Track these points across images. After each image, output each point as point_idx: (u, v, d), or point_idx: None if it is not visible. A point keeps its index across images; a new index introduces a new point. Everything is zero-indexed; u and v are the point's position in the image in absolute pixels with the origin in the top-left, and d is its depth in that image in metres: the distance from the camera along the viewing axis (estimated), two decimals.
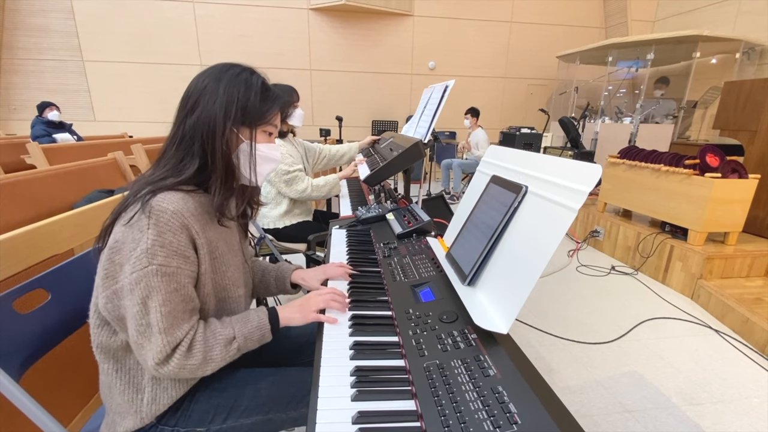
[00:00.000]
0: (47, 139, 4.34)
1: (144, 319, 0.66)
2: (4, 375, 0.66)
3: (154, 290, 0.66)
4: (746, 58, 4.86)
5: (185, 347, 0.69)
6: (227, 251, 0.81)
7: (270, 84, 0.84)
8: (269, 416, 0.79)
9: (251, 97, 0.77)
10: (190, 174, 0.74)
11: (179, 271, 0.69)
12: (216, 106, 0.74)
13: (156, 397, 0.74)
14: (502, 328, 0.63)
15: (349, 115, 6.63)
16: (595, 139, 5.10)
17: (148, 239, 0.65)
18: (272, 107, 0.81)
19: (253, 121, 0.78)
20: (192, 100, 0.75)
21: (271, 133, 0.84)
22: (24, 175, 1.70)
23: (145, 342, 0.67)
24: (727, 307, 2.16)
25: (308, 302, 0.86)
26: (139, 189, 0.70)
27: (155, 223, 0.66)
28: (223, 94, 0.74)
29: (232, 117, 0.75)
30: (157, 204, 0.67)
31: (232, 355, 0.75)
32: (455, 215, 1.04)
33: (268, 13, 6.31)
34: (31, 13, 5.88)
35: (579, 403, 1.55)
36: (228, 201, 0.78)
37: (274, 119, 0.83)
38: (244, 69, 0.79)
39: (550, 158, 0.73)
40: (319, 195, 1.93)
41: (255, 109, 0.78)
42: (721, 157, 2.48)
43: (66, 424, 0.93)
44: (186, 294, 0.71)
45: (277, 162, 0.87)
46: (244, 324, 0.78)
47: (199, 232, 0.72)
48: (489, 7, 6.73)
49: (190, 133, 0.74)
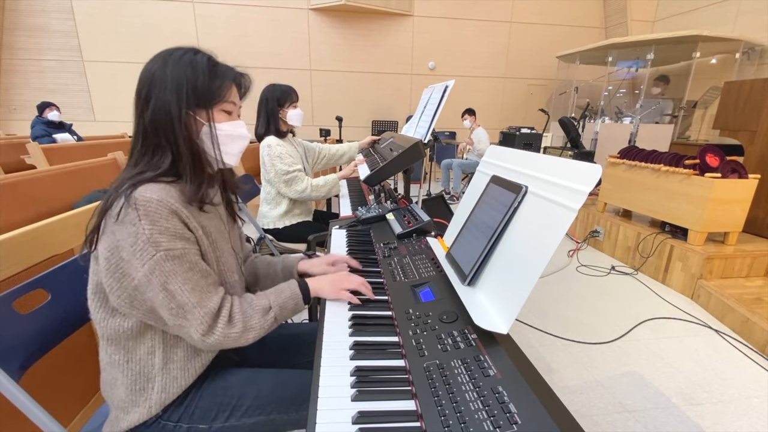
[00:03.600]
0: (47, 139, 4.34)
1: (173, 303, 0.68)
2: (4, 375, 0.66)
3: (170, 274, 0.67)
4: (746, 58, 4.86)
5: (226, 318, 0.72)
6: (219, 237, 0.82)
7: (218, 60, 0.81)
8: (271, 417, 0.80)
9: (199, 77, 0.75)
10: (167, 167, 0.73)
11: (186, 252, 0.70)
12: (167, 93, 0.72)
13: (166, 386, 0.75)
14: (502, 328, 0.63)
15: (349, 115, 6.63)
16: (595, 139, 5.10)
17: (145, 229, 0.65)
18: (223, 83, 0.78)
19: (206, 101, 0.76)
20: (144, 92, 0.73)
21: (231, 111, 0.82)
22: (24, 175, 1.70)
23: (184, 322, 0.69)
24: (727, 307, 2.16)
25: (341, 279, 0.90)
26: (119, 185, 0.70)
27: (145, 213, 0.66)
28: (171, 80, 0.73)
29: (185, 101, 0.73)
30: (140, 195, 0.66)
31: (270, 324, 0.79)
32: (455, 215, 1.04)
33: (268, 13, 6.31)
34: (31, 13, 5.88)
35: (579, 403, 1.55)
36: (202, 187, 0.77)
37: (229, 95, 0.80)
38: (187, 50, 0.77)
39: (550, 158, 0.73)
40: (318, 195, 1.93)
41: (205, 88, 0.76)
42: (721, 157, 2.48)
43: (66, 424, 0.93)
44: (202, 269, 0.72)
45: (245, 138, 0.84)
46: (278, 295, 0.82)
47: (189, 216, 0.72)
48: (489, 7, 6.72)
49: (151, 126, 0.73)
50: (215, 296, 0.73)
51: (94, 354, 0.78)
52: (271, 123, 1.87)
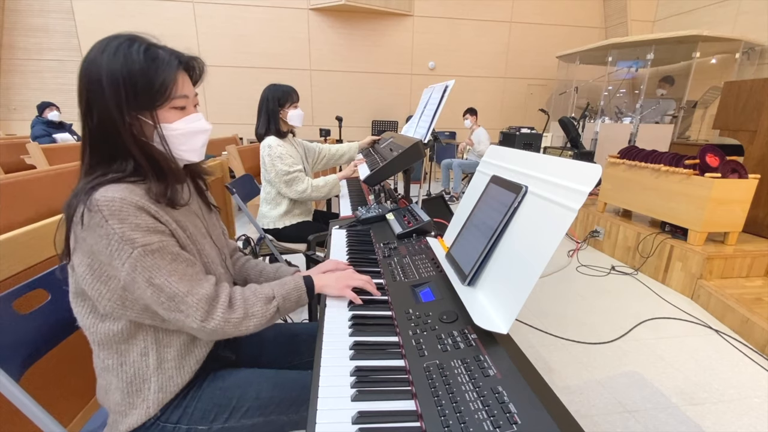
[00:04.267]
0: (47, 139, 4.35)
1: (163, 296, 0.66)
2: (4, 375, 0.66)
3: (154, 268, 0.65)
4: (746, 58, 4.86)
5: (226, 303, 0.71)
6: (196, 233, 0.78)
7: (161, 47, 0.71)
8: (270, 418, 0.79)
9: (137, 75, 0.66)
10: (131, 170, 0.69)
11: (165, 244, 0.67)
12: (107, 100, 0.65)
13: (162, 385, 0.74)
14: (502, 328, 0.63)
15: (349, 115, 6.63)
16: (595, 139, 5.10)
17: (115, 230, 0.62)
18: (166, 78, 0.68)
19: (149, 103, 0.68)
20: (84, 99, 0.66)
21: (183, 106, 0.73)
22: (24, 175, 1.70)
23: (179, 315, 0.67)
24: (727, 307, 2.16)
25: (346, 277, 0.89)
26: (80, 189, 0.65)
27: (110, 213, 0.62)
28: (106, 81, 0.65)
29: (125, 105, 0.66)
30: (101, 196, 0.62)
31: (272, 314, 0.77)
32: (455, 215, 1.04)
33: (268, 13, 6.30)
34: (31, 13, 5.88)
35: (579, 403, 1.55)
36: (169, 188, 0.71)
37: (175, 90, 0.70)
38: (122, 42, 0.67)
39: (550, 158, 0.73)
40: (319, 195, 1.93)
41: (146, 87, 0.67)
42: (721, 157, 2.48)
43: (66, 424, 0.93)
44: (187, 259, 0.70)
45: (205, 131, 0.78)
46: (282, 286, 0.80)
47: (158, 212, 0.68)
48: (489, 7, 6.72)
49: (99, 134, 0.67)
50: (206, 282, 0.71)
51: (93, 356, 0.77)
52: (272, 123, 1.87)
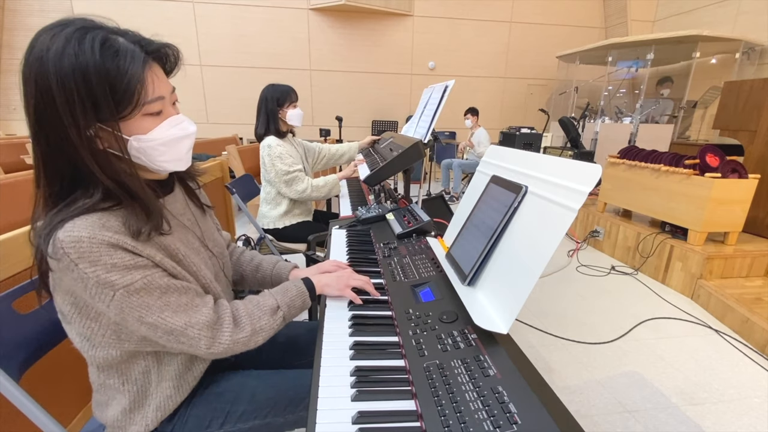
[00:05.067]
0: None
1: (159, 332, 0.62)
2: (4, 375, 0.66)
3: (143, 308, 0.59)
4: (746, 58, 4.86)
5: (231, 323, 0.69)
6: (190, 251, 0.71)
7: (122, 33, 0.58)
8: (267, 420, 0.78)
9: (93, 79, 0.53)
10: (100, 197, 0.57)
11: (149, 280, 0.59)
12: (59, 110, 0.52)
13: (161, 404, 0.72)
14: (502, 328, 0.63)
15: (349, 115, 6.63)
16: (595, 139, 5.10)
17: (88, 273, 0.54)
18: (131, 80, 0.55)
19: (113, 114, 0.55)
20: (32, 114, 0.55)
21: (160, 110, 0.61)
22: (24, 175, 1.70)
23: (182, 345, 0.65)
24: (727, 307, 2.16)
25: (346, 277, 0.88)
26: (44, 226, 0.55)
27: (78, 256, 0.53)
28: (57, 89, 0.52)
29: (82, 120, 0.53)
30: (65, 236, 0.53)
31: (279, 324, 0.76)
32: (455, 215, 1.04)
33: (268, 13, 6.30)
34: (31, 14, 5.88)
35: (579, 403, 1.55)
36: (151, 217, 0.61)
37: (146, 92, 0.57)
38: (71, 33, 0.54)
39: (550, 158, 0.73)
40: (319, 195, 1.93)
41: (106, 95, 0.54)
42: (721, 157, 2.48)
43: (66, 424, 0.93)
44: (177, 288, 0.64)
45: (189, 136, 0.67)
46: (285, 294, 0.79)
47: (137, 246, 0.59)
48: (489, 7, 6.72)
49: (57, 159, 0.55)
50: (204, 308, 0.66)
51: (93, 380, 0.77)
52: (271, 123, 1.87)
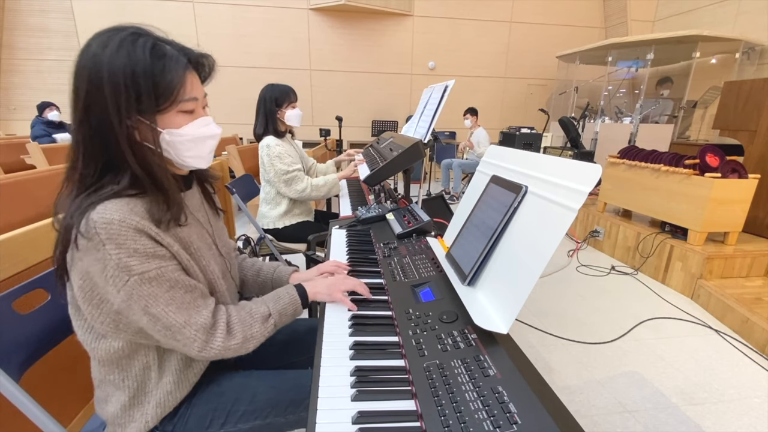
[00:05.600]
0: (47, 139, 4.35)
1: (159, 325, 0.64)
2: (4, 375, 0.66)
3: (150, 298, 0.62)
4: (746, 58, 4.86)
5: (224, 330, 0.70)
6: (202, 246, 0.76)
7: (169, 42, 0.67)
8: (268, 420, 0.78)
9: (141, 76, 0.61)
10: (127, 183, 0.63)
11: (163, 270, 0.63)
12: (106, 101, 0.60)
13: (161, 401, 0.73)
14: (502, 328, 0.63)
15: (349, 115, 6.63)
16: (595, 139, 5.10)
17: (111, 255, 0.58)
18: (173, 80, 0.64)
19: (153, 107, 0.63)
20: (81, 99, 0.61)
21: (192, 109, 0.69)
22: (24, 175, 1.70)
23: (176, 343, 0.66)
24: (727, 307, 2.16)
25: (338, 283, 0.89)
26: (76, 206, 0.61)
27: (107, 237, 0.58)
28: (107, 81, 0.59)
29: (125, 109, 0.61)
30: (99, 217, 0.58)
31: (270, 331, 0.77)
32: (455, 215, 1.04)
33: (268, 13, 6.30)
34: (31, 13, 5.88)
35: (579, 403, 1.55)
36: (172, 206, 0.67)
37: (184, 92, 0.66)
38: (125, 36, 0.62)
39: (550, 158, 0.73)
40: (318, 195, 1.93)
41: (150, 90, 0.62)
42: (721, 157, 2.48)
43: (66, 424, 0.93)
44: (186, 285, 0.67)
45: (215, 137, 0.74)
46: (277, 301, 0.80)
47: (159, 233, 0.64)
48: (489, 7, 6.72)
49: (97, 142, 0.62)
50: (204, 310, 0.68)
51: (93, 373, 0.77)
52: (270, 123, 1.87)
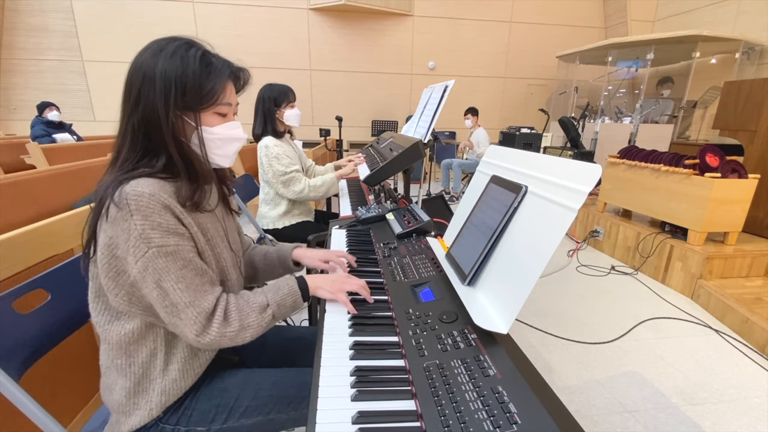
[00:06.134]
0: (47, 139, 4.35)
1: (167, 300, 0.67)
2: (4, 375, 0.66)
3: (164, 271, 0.66)
4: (746, 58, 4.86)
5: (221, 317, 0.71)
6: (216, 235, 0.80)
7: (214, 55, 0.76)
8: (270, 417, 0.79)
9: (189, 78, 0.70)
10: (161, 167, 0.71)
11: (180, 248, 0.68)
12: (156, 95, 0.69)
13: (166, 388, 0.74)
14: (502, 328, 0.63)
15: (349, 115, 6.63)
16: (595, 139, 5.10)
17: (137, 225, 0.64)
18: (216, 85, 0.73)
19: (196, 105, 0.72)
20: (134, 93, 0.69)
21: (225, 113, 0.78)
22: (24, 175, 1.70)
23: (178, 321, 0.68)
24: (727, 307, 2.16)
25: (341, 281, 0.87)
26: (110, 181, 0.67)
27: (136, 208, 0.64)
28: (159, 78, 0.68)
29: (173, 103, 0.70)
30: (131, 190, 0.64)
31: (268, 322, 0.77)
32: (455, 215, 1.04)
33: (268, 13, 6.31)
34: (30, 13, 5.88)
35: (579, 403, 1.55)
36: (198, 191, 0.74)
37: (223, 97, 0.75)
38: (180, 45, 0.71)
39: (550, 158, 0.73)
40: (317, 195, 1.92)
41: (196, 90, 0.71)
42: (721, 157, 2.48)
43: (66, 424, 0.93)
44: (197, 267, 0.70)
45: (240, 140, 0.82)
46: (276, 292, 0.80)
47: (183, 213, 0.70)
48: (489, 7, 6.73)
49: (141, 129, 0.70)
50: (210, 295, 0.71)
51: (94, 354, 0.77)
52: (268, 123, 1.86)
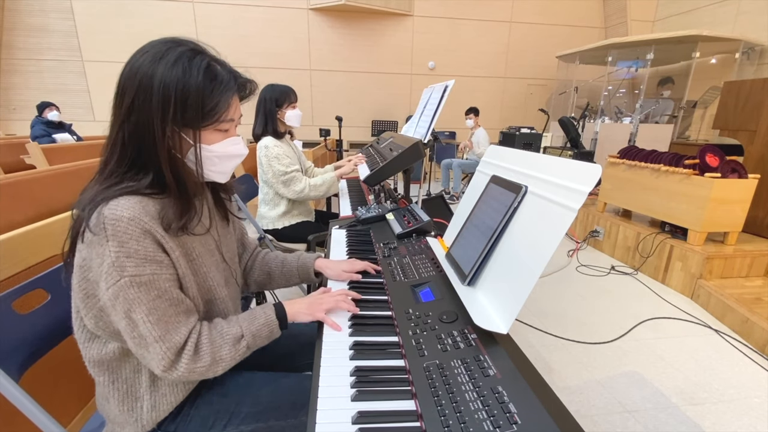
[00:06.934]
0: (47, 139, 4.35)
1: (135, 332, 0.63)
2: (4, 375, 0.66)
3: (135, 302, 0.62)
4: (746, 58, 4.86)
5: (191, 350, 0.66)
6: (204, 252, 0.76)
7: (221, 65, 0.69)
8: (269, 423, 0.78)
9: (191, 93, 0.64)
10: (147, 183, 0.66)
11: (156, 278, 0.64)
12: (153, 109, 0.63)
13: (155, 403, 0.72)
14: (502, 328, 0.63)
15: (349, 115, 6.63)
16: (595, 139, 5.10)
17: (111, 252, 0.60)
18: (220, 102, 0.67)
19: (196, 123, 0.66)
20: (127, 100, 0.63)
21: (227, 129, 0.72)
22: (24, 175, 1.70)
23: (145, 353, 0.65)
24: (727, 306, 2.16)
25: (318, 301, 0.85)
26: (90, 199, 0.63)
27: (113, 233, 0.59)
28: (157, 89, 0.62)
29: (170, 120, 0.64)
30: (110, 213, 0.60)
31: (242, 354, 0.73)
32: (455, 215, 1.04)
33: (268, 13, 6.31)
34: (30, 13, 5.88)
35: (579, 403, 1.55)
36: (185, 214, 0.69)
37: (227, 114, 0.69)
38: (184, 52, 0.65)
39: (549, 158, 0.73)
40: (317, 195, 1.92)
41: (197, 107, 0.65)
42: (721, 157, 2.48)
43: (66, 424, 0.93)
44: (172, 298, 0.66)
45: (240, 156, 0.76)
46: (252, 322, 0.75)
47: (165, 236, 0.65)
48: (489, 7, 6.73)
49: (131, 142, 0.64)
50: (183, 327, 0.67)
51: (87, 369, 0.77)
52: (269, 123, 1.86)
